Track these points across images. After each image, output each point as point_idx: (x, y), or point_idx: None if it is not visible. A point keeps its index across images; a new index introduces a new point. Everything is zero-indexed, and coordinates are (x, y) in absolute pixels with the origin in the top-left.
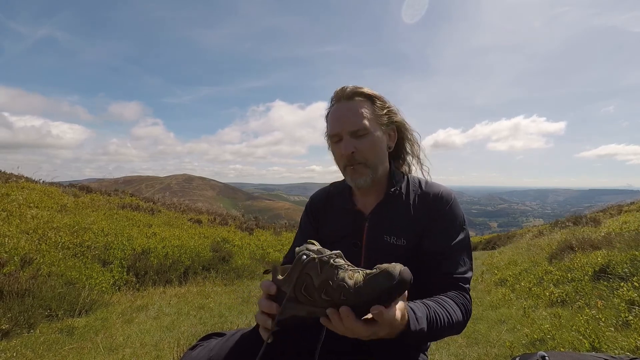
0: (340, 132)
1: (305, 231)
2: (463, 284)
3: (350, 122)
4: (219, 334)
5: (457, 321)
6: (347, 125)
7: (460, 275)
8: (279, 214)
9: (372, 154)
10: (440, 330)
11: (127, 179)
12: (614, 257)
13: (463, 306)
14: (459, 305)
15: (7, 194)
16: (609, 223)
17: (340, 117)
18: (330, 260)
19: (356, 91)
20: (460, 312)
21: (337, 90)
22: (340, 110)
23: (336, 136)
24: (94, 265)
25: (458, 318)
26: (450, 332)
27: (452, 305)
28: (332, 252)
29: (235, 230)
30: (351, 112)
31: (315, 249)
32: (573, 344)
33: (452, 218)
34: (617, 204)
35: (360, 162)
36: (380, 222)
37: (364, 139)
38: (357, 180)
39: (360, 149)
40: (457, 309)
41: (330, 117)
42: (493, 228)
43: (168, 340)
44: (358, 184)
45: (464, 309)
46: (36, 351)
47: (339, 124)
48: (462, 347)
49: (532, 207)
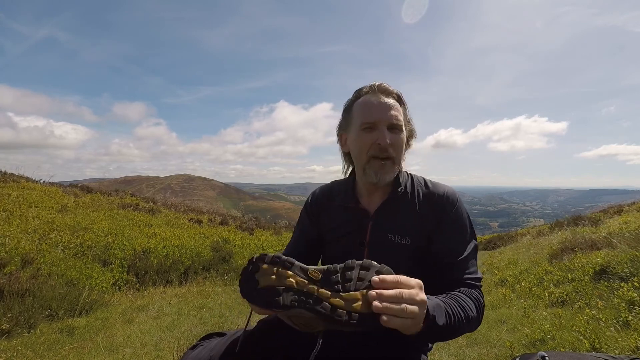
0: (378, 121)
1: (304, 228)
2: (477, 283)
3: (391, 115)
4: (219, 334)
5: (473, 317)
6: (387, 117)
7: (474, 276)
8: (279, 214)
9: (401, 153)
10: (458, 326)
11: (128, 179)
12: (614, 258)
13: (477, 301)
14: (473, 301)
15: (7, 194)
16: (610, 223)
17: (380, 107)
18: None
19: (392, 90)
20: (475, 307)
21: (374, 83)
22: (380, 101)
23: (371, 124)
24: (95, 265)
25: (473, 313)
26: (467, 327)
27: (467, 301)
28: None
29: (235, 230)
30: (391, 106)
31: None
32: (573, 344)
33: (460, 221)
34: (617, 204)
35: (390, 158)
36: (385, 221)
37: (398, 135)
38: (383, 176)
39: (394, 143)
40: (471, 304)
41: (366, 105)
42: (494, 228)
43: (168, 340)
44: (382, 180)
45: (478, 304)
46: (37, 351)
47: (378, 113)
48: (462, 347)
49: (532, 207)
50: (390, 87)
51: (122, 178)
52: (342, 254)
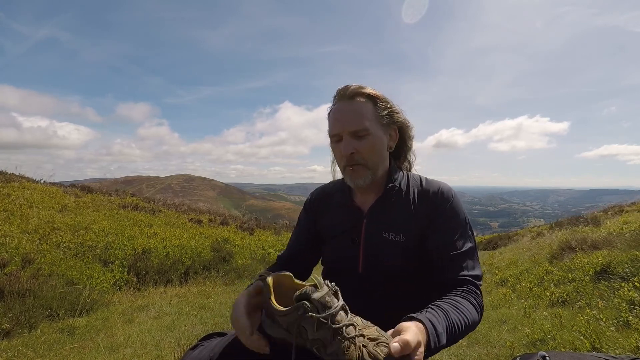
0: (340, 132)
1: (303, 228)
2: (475, 281)
3: (351, 123)
4: (219, 334)
5: (473, 321)
6: (348, 125)
7: (472, 273)
8: (279, 214)
9: (372, 155)
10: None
11: (128, 179)
12: (614, 257)
13: (478, 305)
14: (473, 304)
15: (8, 194)
16: (610, 223)
17: (341, 117)
18: (329, 322)
19: (358, 91)
20: (474, 311)
21: (340, 89)
22: (341, 110)
23: (336, 136)
24: (95, 265)
25: (473, 318)
26: (467, 333)
27: (468, 306)
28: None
29: (235, 230)
30: (352, 113)
31: (318, 297)
32: (574, 344)
33: (455, 217)
34: (618, 204)
35: (360, 163)
36: (379, 218)
37: (364, 139)
38: (356, 181)
39: (360, 149)
40: (471, 308)
41: (331, 117)
42: (494, 228)
43: (169, 340)
44: (357, 185)
45: (479, 307)
46: (37, 351)
47: (340, 124)
48: (463, 347)
49: (533, 207)
50: (357, 88)
51: (123, 178)
52: (337, 252)
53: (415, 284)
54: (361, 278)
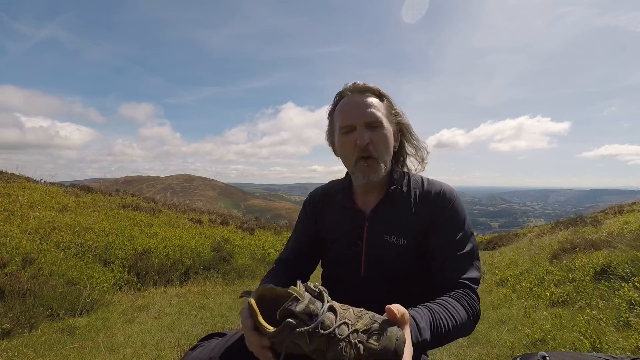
0: (354, 122)
1: (303, 229)
2: (471, 284)
3: (366, 113)
4: (220, 334)
5: (463, 323)
6: (363, 116)
7: (469, 276)
8: (280, 214)
9: (385, 148)
10: (447, 335)
11: (128, 179)
12: (615, 258)
13: (470, 307)
14: (464, 306)
15: (8, 194)
16: (610, 223)
17: (355, 107)
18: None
19: (368, 87)
20: (465, 313)
21: (348, 85)
22: (355, 101)
23: (348, 127)
24: (95, 265)
25: (463, 320)
26: (458, 335)
27: (457, 307)
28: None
29: (236, 230)
30: (365, 104)
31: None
32: (574, 344)
33: (456, 219)
34: (618, 204)
35: (374, 157)
36: (381, 221)
37: (378, 131)
38: (370, 177)
39: (375, 141)
40: (462, 310)
41: (342, 108)
42: (494, 228)
43: (169, 340)
44: (371, 180)
45: (471, 310)
46: (37, 351)
47: (353, 114)
48: (463, 347)
49: (533, 207)
50: (366, 84)
51: (123, 178)
52: (339, 255)
53: (418, 286)
54: (363, 281)
